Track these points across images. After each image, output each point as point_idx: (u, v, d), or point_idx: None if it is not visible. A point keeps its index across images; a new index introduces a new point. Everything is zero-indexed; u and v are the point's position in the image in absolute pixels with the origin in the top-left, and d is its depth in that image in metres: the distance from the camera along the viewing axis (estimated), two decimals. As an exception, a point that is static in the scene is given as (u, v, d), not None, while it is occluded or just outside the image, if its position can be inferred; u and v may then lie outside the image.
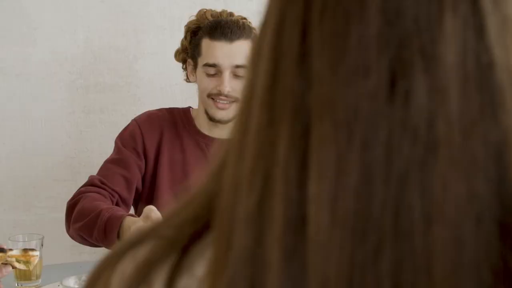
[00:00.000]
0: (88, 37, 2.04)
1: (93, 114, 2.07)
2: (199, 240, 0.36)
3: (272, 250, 0.31)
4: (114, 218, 1.30)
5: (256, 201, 0.32)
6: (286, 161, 0.32)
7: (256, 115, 0.34)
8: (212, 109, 1.61)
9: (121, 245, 0.38)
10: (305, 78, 0.32)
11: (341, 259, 0.30)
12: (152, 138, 1.63)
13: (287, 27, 0.33)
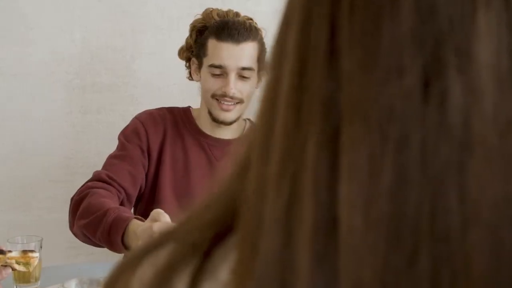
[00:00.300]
0: (85, 37, 2.02)
1: (90, 114, 2.05)
2: (221, 243, 0.35)
3: (302, 253, 0.30)
4: (120, 220, 1.26)
5: (285, 203, 0.31)
6: (316, 163, 0.31)
7: (282, 116, 0.33)
8: (216, 110, 1.60)
9: (140, 248, 0.38)
10: (334, 78, 0.31)
11: (375, 263, 0.29)
12: (156, 137, 1.62)
13: (314, 26, 0.33)
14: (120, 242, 1.24)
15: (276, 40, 0.36)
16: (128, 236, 1.24)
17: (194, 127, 1.67)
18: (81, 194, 1.44)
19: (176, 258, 0.35)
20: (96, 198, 1.38)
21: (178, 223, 0.38)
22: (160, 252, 0.36)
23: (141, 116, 1.66)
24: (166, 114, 1.67)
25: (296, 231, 0.31)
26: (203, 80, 1.62)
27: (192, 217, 0.37)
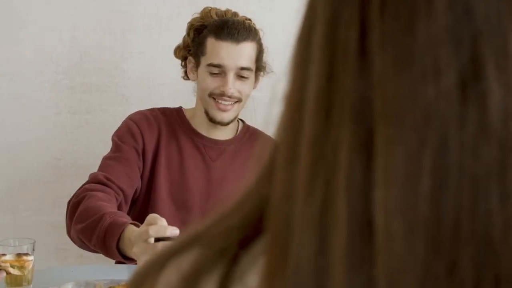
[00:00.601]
0: (74, 36, 2.00)
1: (79, 114, 2.03)
2: (248, 248, 0.34)
3: (337, 260, 0.29)
4: (116, 226, 1.22)
5: (317, 209, 0.30)
6: (349, 167, 0.30)
7: (310, 119, 0.32)
8: (213, 109, 1.59)
9: (163, 252, 0.37)
10: (366, 79, 0.30)
11: (414, 270, 0.28)
12: (151, 138, 1.60)
13: (342, 26, 0.32)
14: (115, 248, 1.21)
15: (298, 42, 0.35)
16: (123, 242, 1.20)
17: (188, 127, 1.66)
18: (78, 197, 1.40)
19: (202, 262, 0.34)
20: (93, 201, 1.34)
21: (202, 227, 0.37)
22: (185, 256, 0.35)
23: (135, 117, 1.63)
24: (159, 115, 1.65)
25: (330, 237, 0.30)
26: (200, 79, 1.60)
27: (217, 221, 0.36)
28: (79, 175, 2.03)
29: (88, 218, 1.29)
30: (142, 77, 2.03)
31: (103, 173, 1.50)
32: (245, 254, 0.34)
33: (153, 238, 1.10)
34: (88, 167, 2.02)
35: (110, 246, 1.21)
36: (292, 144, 0.33)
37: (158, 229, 1.10)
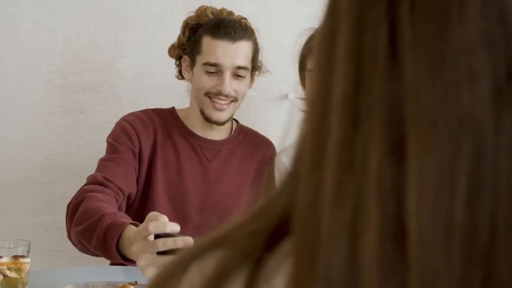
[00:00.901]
0: (67, 35, 1.98)
1: (72, 114, 2.01)
2: (273, 250, 0.34)
3: (369, 268, 0.29)
4: (116, 226, 1.19)
5: (347, 216, 0.30)
6: (380, 173, 0.29)
7: (337, 124, 0.31)
8: (209, 109, 1.58)
9: (185, 254, 0.36)
10: (396, 82, 0.30)
11: (449, 278, 0.28)
12: (147, 140, 1.58)
13: (370, 28, 0.31)
14: (115, 249, 1.17)
15: (320, 46, 0.34)
16: (123, 242, 1.17)
17: (183, 128, 1.64)
18: (77, 199, 1.37)
19: (226, 265, 0.34)
20: (93, 202, 1.31)
21: (225, 230, 0.37)
22: (208, 259, 0.35)
23: (129, 118, 1.61)
24: (154, 116, 1.64)
25: (361, 245, 0.29)
26: (196, 78, 1.59)
27: (241, 225, 0.36)
28: (72, 175, 2.01)
29: (88, 219, 1.26)
30: (136, 77, 2.01)
31: (101, 174, 1.47)
32: (270, 256, 0.34)
33: (152, 235, 1.07)
34: (81, 168, 2.00)
35: (110, 247, 1.17)
36: (317, 150, 0.32)
37: (158, 224, 1.06)
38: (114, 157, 1.52)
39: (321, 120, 0.32)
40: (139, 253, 1.06)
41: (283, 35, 1.99)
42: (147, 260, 1.05)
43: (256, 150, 1.70)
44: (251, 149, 1.70)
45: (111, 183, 1.44)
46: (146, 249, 1.05)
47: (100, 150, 2.00)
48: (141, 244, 1.06)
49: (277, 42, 1.93)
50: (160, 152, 1.58)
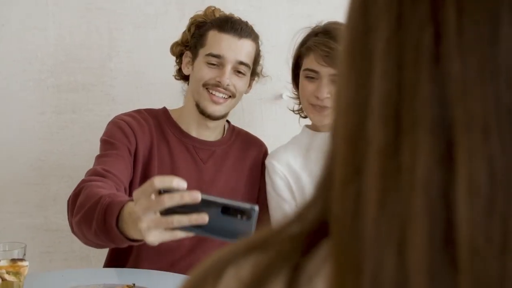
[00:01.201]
0: (60, 34, 1.95)
1: (64, 114, 1.98)
2: (311, 254, 0.33)
3: (417, 277, 0.28)
4: (115, 204, 1.09)
5: (394, 223, 0.29)
6: (428, 179, 0.28)
7: (379, 130, 0.30)
8: (206, 101, 1.56)
9: (218, 259, 0.35)
10: (442, 86, 0.29)
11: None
12: (143, 140, 1.55)
13: (413, 29, 0.30)
14: (115, 226, 1.07)
15: (351, 47, 0.33)
16: (123, 220, 1.06)
17: (177, 128, 1.62)
18: (76, 190, 1.29)
19: (264, 269, 0.33)
20: (92, 189, 1.22)
21: (259, 236, 0.35)
22: (243, 263, 0.34)
23: (124, 117, 1.58)
24: (148, 116, 1.61)
25: (409, 254, 0.28)
26: (196, 70, 1.58)
27: (276, 231, 0.35)
28: (64, 176, 1.99)
29: (87, 204, 1.18)
30: (129, 76, 1.99)
31: (101, 166, 1.40)
32: (309, 260, 0.33)
33: (155, 193, 0.96)
34: (74, 168, 1.97)
35: (111, 226, 1.07)
36: (355, 157, 0.31)
37: (164, 179, 0.96)
38: (111, 153, 1.47)
39: (358, 126, 0.31)
40: (142, 213, 0.95)
41: (277, 34, 1.98)
42: (150, 221, 0.95)
43: (248, 150, 1.69)
44: (243, 149, 1.69)
45: (111, 174, 1.38)
46: (150, 207, 0.95)
47: (94, 150, 1.97)
48: (144, 202, 0.95)
49: (271, 42, 1.92)
50: (156, 153, 1.56)
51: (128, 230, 1.07)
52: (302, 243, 0.33)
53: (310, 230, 0.33)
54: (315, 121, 1.55)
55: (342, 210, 0.31)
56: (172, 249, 1.53)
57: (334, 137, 0.34)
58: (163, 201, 0.94)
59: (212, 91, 1.55)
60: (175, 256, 1.54)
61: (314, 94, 1.49)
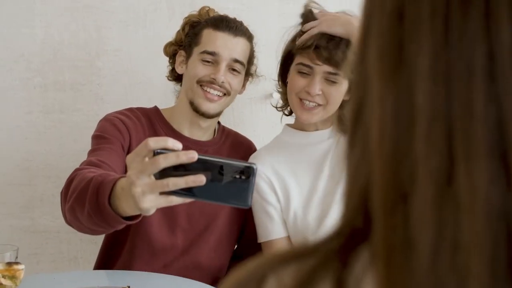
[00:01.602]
0: (47, 32, 1.92)
1: (52, 114, 1.95)
2: (354, 259, 0.31)
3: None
4: (108, 182, 1.03)
5: (454, 251, 0.27)
6: (488, 203, 0.27)
7: (428, 150, 0.28)
8: (200, 98, 1.54)
9: (257, 267, 0.33)
10: (499, 106, 0.27)
11: None
12: (137, 138, 1.52)
13: (463, 46, 0.28)
14: (108, 205, 1.01)
15: (385, 56, 0.31)
16: (116, 195, 1.00)
17: (169, 128, 1.60)
18: (68, 180, 1.23)
19: (308, 274, 0.31)
20: (84, 174, 1.17)
21: (297, 246, 0.34)
22: (284, 270, 0.32)
23: (117, 115, 1.54)
24: (140, 115, 1.59)
25: (471, 284, 0.27)
26: (190, 67, 1.56)
27: (314, 242, 0.33)
28: (52, 177, 1.95)
29: (79, 188, 1.12)
30: (118, 75, 1.96)
31: (95, 157, 1.36)
32: (352, 265, 0.31)
33: (149, 155, 0.91)
34: (61, 169, 1.94)
35: (104, 205, 1.02)
36: (399, 180, 0.29)
37: (158, 139, 0.91)
38: (105, 146, 1.43)
39: (402, 146, 0.29)
40: (135, 177, 0.89)
41: (268, 33, 1.96)
42: (144, 185, 0.89)
43: (238, 151, 1.67)
44: (233, 150, 1.67)
45: (106, 164, 1.33)
46: (145, 169, 0.89)
47: (82, 150, 1.94)
48: (138, 165, 0.90)
49: (262, 41, 1.90)
50: None
51: (122, 207, 1.01)
52: (341, 253, 0.32)
53: (347, 241, 0.32)
54: (302, 119, 1.50)
55: (388, 241, 0.29)
56: (166, 250, 1.51)
57: (364, 152, 0.32)
58: (158, 161, 0.88)
59: (207, 89, 1.53)
60: (169, 257, 1.51)
61: (306, 90, 1.47)
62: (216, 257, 1.57)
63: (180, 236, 1.52)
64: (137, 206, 0.92)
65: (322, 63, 1.44)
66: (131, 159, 0.93)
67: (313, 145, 1.55)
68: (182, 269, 1.51)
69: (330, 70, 1.44)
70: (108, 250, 1.56)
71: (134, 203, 0.92)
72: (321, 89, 1.46)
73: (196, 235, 1.54)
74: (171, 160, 0.88)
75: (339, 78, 1.45)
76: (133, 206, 0.95)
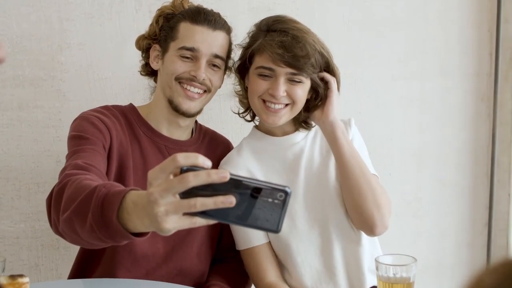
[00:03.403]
0: (5, 23, 1.78)
1: (10, 111, 1.82)
2: None
3: None
4: (114, 194, 0.94)
5: None
6: None
7: None
8: (180, 97, 1.46)
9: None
10: None
11: None
12: (117, 138, 1.41)
13: None
14: (116, 220, 0.91)
15: None
16: (125, 210, 0.91)
17: (147, 127, 1.52)
18: (60, 185, 1.12)
19: None
20: (81, 182, 1.07)
21: None
22: None
23: (94, 113, 1.43)
24: (117, 113, 1.49)
25: None
26: (167, 63, 1.47)
27: None
28: (10, 178, 1.83)
29: (78, 197, 1.02)
30: (81, 70, 1.85)
31: (81, 160, 1.25)
32: None
33: (177, 170, 0.83)
34: (20, 170, 1.82)
35: (110, 220, 0.92)
36: None
37: (188, 155, 0.82)
38: (86, 148, 1.32)
39: None
40: (160, 195, 0.81)
41: (236, 28, 1.90)
42: (168, 204, 0.81)
43: (215, 150, 1.61)
44: (211, 149, 1.61)
45: (94, 167, 1.24)
46: (170, 188, 0.81)
47: (42, 150, 1.83)
48: (163, 182, 0.82)
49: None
50: (130, 154, 1.44)
51: (134, 224, 0.91)
52: None
53: None
54: (268, 122, 1.44)
55: None
56: (148, 256, 1.43)
57: None
58: (187, 179, 0.79)
59: (186, 86, 1.46)
60: (151, 264, 1.43)
61: (269, 92, 1.41)
62: (199, 262, 1.51)
63: (162, 242, 1.45)
64: (157, 226, 0.82)
65: (285, 66, 1.39)
66: (154, 175, 0.84)
67: (284, 150, 1.51)
68: (165, 276, 1.44)
69: (293, 71, 1.40)
70: (87, 258, 1.46)
71: (154, 222, 0.83)
72: (285, 90, 1.41)
73: (179, 241, 1.47)
74: (202, 179, 0.80)
75: (302, 78, 1.41)
76: (150, 225, 0.85)
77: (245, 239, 1.48)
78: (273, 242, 1.49)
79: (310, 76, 1.42)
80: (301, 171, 1.48)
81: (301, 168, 1.49)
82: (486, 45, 2.18)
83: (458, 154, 2.23)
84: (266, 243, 1.49)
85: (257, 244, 1.48)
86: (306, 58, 1.38)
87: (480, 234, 2.27)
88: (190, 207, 0.80)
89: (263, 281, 1.47)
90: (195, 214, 0.82)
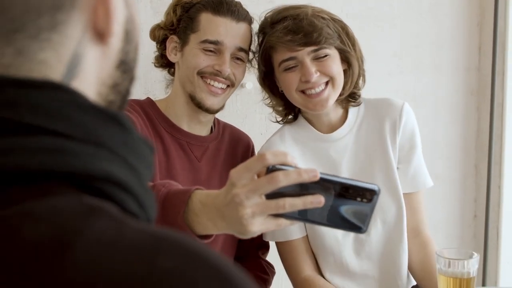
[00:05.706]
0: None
1: None
2: None
3: None
4: (177, 193, 0.88)
5: None
6: None
7: None
8: (203, 92, 1.39)
9: None
10: None
11: None
12: (144, 135, 1.34)
13: None
14: (182, 221, 0.86)
15: None
16: (192, 211, 0.85)
17: (168, 123, 1.44)
18: None
19: None
20: None
21: None
22: None
23: None
24: (138, 108, 1.41)
25: None
26: (189, 56, 1.39)
27: None
28: None
29: None
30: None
31: None
32: None
33: (264, 169, 0.77)
34: None
35: (174, 222, 0.86)
36: None
37: (277, 153, 0.76)
38: None
39: None
40: (245, 196, 0.76)
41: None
42: (255, 206, 0.76)
43: (237, 145, 1.55)
44: (232, 144, 1.55)
45: None
46: (258, 188, 0.75)
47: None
48: (250, 183, 0.76)
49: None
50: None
51: (201, 224, 0.86)
52: None
53: None
54: (317, 109, 1.37)
55: None
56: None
57: None
58: (277, 179, 0.75)
59: (210, 81, 1.39)
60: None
61: (302, 80, 1.35)
62: (223, 258, 1.45)
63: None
64: (242, 229, 0.78)
65: (301, 48, 1.34)
66: (238, 176, 0.78)
67: (326, 147, 1.46)
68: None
69: (312, 48, 1.34)
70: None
71: (238, 225, 0.78)
72: (317, 70, 1.35)
73: None
74: (292, 179, 0.75)
75: (326, 50, 1.35)
76: (227, 227, 0.81)
77: (283, 231, 1.44)
78: (310, 237, 1.46)
79: (333, 45, 1.36)
80: (343, 170, 1.44)
81: (342, 167, 1.44)
82: (475, 39, 2.22)
83: (448, 148, 2.26)
84: (302, 237, 1.45)
85: (295, 237, 1.44)
86: (317, 30, 1.33)
87: (468, 227, 2.31)
88: (279, 208, 0.76)
89: (300, 274, 1.44)
90: (280, 215, 0.78)
